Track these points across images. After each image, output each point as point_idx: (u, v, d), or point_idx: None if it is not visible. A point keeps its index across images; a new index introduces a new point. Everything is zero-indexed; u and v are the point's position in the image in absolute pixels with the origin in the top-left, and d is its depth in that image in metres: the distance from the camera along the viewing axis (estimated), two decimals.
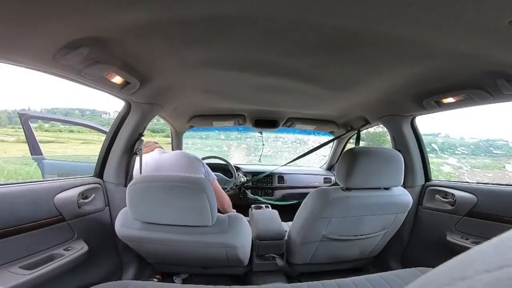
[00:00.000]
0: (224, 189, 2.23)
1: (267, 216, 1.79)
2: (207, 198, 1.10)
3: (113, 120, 1.53)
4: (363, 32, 0.81)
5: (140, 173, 1.45)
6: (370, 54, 0.97)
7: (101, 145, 1.52)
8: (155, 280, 1.53)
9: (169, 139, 2.66)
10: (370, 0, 0.64)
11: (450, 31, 0.75)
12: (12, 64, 0.87)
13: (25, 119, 2.38)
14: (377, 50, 0.93)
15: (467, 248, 0.23)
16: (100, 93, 1.23)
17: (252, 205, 1.96)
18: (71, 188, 1.30)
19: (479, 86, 1.09)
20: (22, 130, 2.38)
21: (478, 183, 1.50)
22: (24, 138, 2.37)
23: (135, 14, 0.73)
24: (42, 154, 2.49)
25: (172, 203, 1.12)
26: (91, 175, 1.50)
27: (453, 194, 1.49)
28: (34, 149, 2.43)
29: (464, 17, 0.67)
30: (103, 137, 1.57)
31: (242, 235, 1.25)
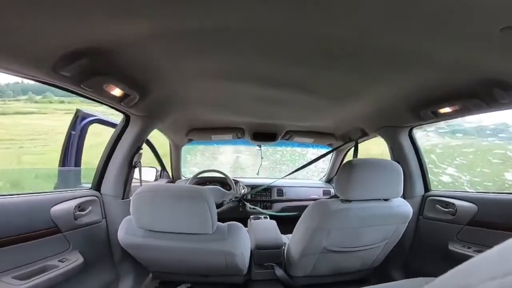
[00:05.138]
0: (222, 202, 2.22)
1: (265, 225, 1.81)
2: (208, 207, 1.13)
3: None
4: (361, 43, 0.83)
5: (141, 185, 1.44)
6: (368, 64, 0.99)
7: None
8: None
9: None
10: (365, 12, 0.66)
11: (444, 40, 0.77)
12: (11, 74, 0.88)
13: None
14: (374, 60, 0.95)
15: (469, 257, 0.23)
16: None
17: (251, 216, 1.95)
18: (67, 200, 1.29)
19: (476, 96, 1.10)
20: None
21: (478, 192, 1.50)
22: None
23: (136, 26, 0.75)
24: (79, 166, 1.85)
25: (175, 211, 1.14)
26: (88, 188, 1.49)
27: (453, 204, 1.49)
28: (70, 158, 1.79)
29: (457, 25, 0.69)
30: (91, 107, 1.53)
31: (241, 243, 1.26)
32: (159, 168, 2.59)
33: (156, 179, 2.47)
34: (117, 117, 1.60)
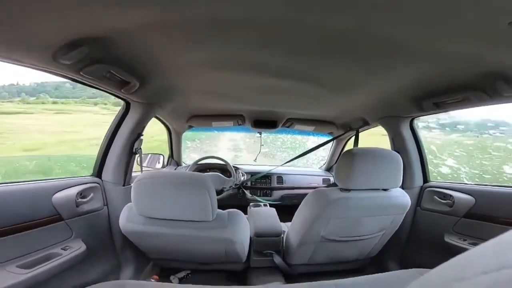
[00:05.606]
0: (222, 189, 2.24)
1: (265, 213, 1.83)
2: (208, 194, 1.14)
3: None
4: (362, 34, 0.81)
5: (141, 171, 1.45)
6: (369, 55, 0.97)
7: (77, 116, 1.51)
8: (153, 280, 1.53)
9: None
10: (368, 2, 0.64)
11: (449, 32, 0.75)
12: (11, 63, 0.86)
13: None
14: (376, 51, 0.93)
15: (464, 249, 0.23)
16: None
17: (251, 203, 1.96)
18: (69, 187, 1.30)
19: (478, 88, 1.09)
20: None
21: (476, 184, 1.51)
22: None
23: (136, 14, 0.73)
24: None
25: (176, 198, 1.15)
26: (89, 175, 1.50)
27: (451, 195, 1.50)
28: None
29: (464, 18, 0.67)
30: (84, 107, 1.55)
31: (241, 230, 1.27)
32: (167, 155, 2.60)
33: (163, 166, 2.48)
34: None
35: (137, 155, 1.56)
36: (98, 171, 1.50)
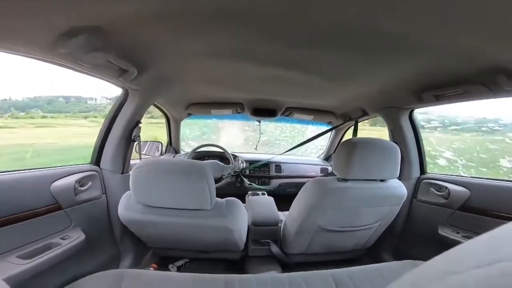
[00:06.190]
0: (221, 176, 2.25)
1: (263, 202, 1.85)
2: (207, 183, 1.14)
3: (100, 106, 1.51)
4: (363, 26, 0.80)
5: (140, 159, 1.45)
6: (369, 46, 0.96)
7: (60, 129, 1.50)
8: (151, 269, 1.55)
9: None
10: None
11: (451, 25, 0.74)
12: (9, 53, 0.85)
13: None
14: (377, 43, 0.92)
15: (457, 242, 0.24)
16: (83, 78, 1.19)
17: (249, 192, 1.98)
18: (67, 175, 1.29)
19: (479, 81, 1.08)
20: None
21: (472, 177, 1.52)
22: None
23: (135, 3, 0.71)
24: None
25: (174, 186, 1.15)
26: (87, 163, 1.49)
27: (446, 188, 1.51)
28: None
29: (465, 11, 0.66)
30: (74, 120, 1.54)
31: (239, 218, 1.29)
32: (165, 143, 2.59)
33: (161, 154, 2.48)
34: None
35: (135, 143, 1.56)
36: (97, 159, 1.49)
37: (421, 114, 1.89)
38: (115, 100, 1.51)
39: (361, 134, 2.03)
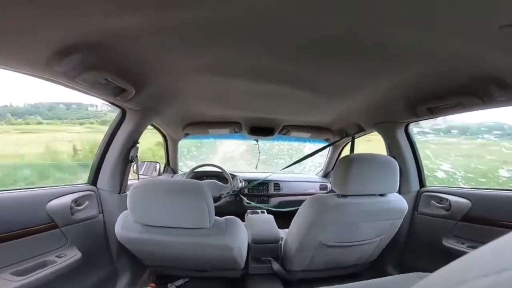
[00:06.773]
0: (220, 195, 2.23)
1: (262, 220, 1.83)
2: (206, 201, 1.13)
3: (100, 112, 1.52)
4: (356, 40, 0.83)
5: (138, 179, 1.44)
6: (363, 61, 0.99)
7: (49, 135, 1.50)
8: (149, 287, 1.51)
9: None
10: (362, 7, 0.66)
11: (442, 35, 0.77)
12: (4, 69, 0.86)
13: None
14: (370, 57, 0.95)
15: (463, 253, 0.23)
16: None
17: (248, 210, 1.95)
18: (63, 195, 1.28)
19: (471, 93, 1.11)
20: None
21: (472, 188, 1.52)
22: None
23: (130, 20, 0.73)
24: None
25: (173, 205, 1.14)
26: (84, 183, 1.48)
27: (447, 200, 1.50)
28: None
29: (456, 21, 0.69)
30: (69, 127, 1.55)
31: (239, 237, 1.27)
32: (163, 163, 2.58)
33: (159, 174, 2.46)
34: None
35: (133, 163, 1.55)
36: (93, 179, 1.48)
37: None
38: (115, 117, 1.52)
39: (367, 145, 2.02)
